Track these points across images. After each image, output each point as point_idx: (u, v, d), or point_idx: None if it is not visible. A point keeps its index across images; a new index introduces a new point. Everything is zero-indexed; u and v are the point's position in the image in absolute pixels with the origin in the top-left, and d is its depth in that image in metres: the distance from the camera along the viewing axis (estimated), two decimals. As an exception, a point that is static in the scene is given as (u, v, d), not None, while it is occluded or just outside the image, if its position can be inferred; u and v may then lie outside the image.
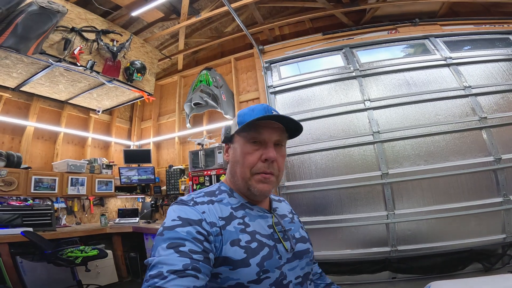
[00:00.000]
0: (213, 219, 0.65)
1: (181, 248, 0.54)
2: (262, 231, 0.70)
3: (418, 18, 3.73)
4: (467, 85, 3.10)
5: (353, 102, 3.34)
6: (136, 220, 4.01)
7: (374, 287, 2.87)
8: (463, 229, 2.79)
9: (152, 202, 4.38)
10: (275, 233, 0.73)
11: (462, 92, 3.09)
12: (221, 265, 0.61)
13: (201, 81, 4.09)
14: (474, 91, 3.08)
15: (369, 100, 3.26)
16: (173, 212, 0.64)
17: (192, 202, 0.67)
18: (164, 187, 4.31)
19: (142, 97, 4.01)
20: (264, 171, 0.71)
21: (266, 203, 0.81)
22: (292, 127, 0.76)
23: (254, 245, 0.65)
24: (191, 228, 0.59)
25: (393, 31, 3.75)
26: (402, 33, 3.68)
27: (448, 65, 3.29)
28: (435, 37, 3.54)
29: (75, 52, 3.05)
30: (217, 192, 0.75)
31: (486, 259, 2.77)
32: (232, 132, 0.77)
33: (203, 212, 0.65)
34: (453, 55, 3.36)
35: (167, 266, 0.50)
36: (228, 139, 0.79)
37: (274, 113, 0.73)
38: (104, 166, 4.17)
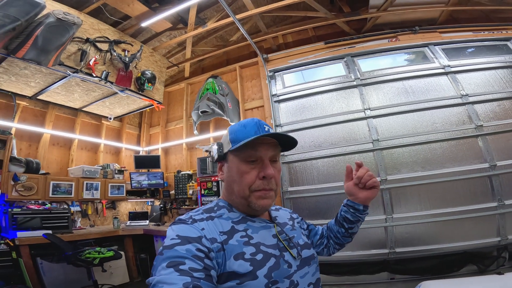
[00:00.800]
0: (214, 235, 0.64)
1: (181, 267, 0.53)
2: (266, 242, 0.70)
3: (418, 25, 3.84)
4: (464, 94, 3.22)
5: (354, 110, 3.48)
6: (146, 223, 4.22)
7: (373, 287, 3.02)
8: (459, 232, 2.92)
9: (161, 205, 4.58)
10: (280, 242, 0.72)
11: (459, 101, 3.21)
12: (227, 281, 0.60)
13: (207, 89, 4.26)
14: (471, 99, 3.19)
15: (369, 109, 3.40)
16: (172, 231, 0.63)
17: (191, 220, 0.67)
18: (172, 191, 4.51)
19: (152, 105, 4.20)
20: (264, 188, 0.72)
21: (266, 214, 0.82)
22: (285, 141, 0.77)
23: (259, 256, 0.65)
24: (190, 246, 0.58)
25: (394, 39, 3.86)
26: (402, 41, 3.79)
27: (446, 73, 3.40)
28: (434, 45, 3.65)
29: (91, 63, 3.20)
30: (215, 208, 0.75)
31: (481, 261, 2.90)
32: (225, 150, 0.76)
33: (202, 229, 0.64)
34: (452, 63, 3.47)
35: (168, 285, 0.49)
36: (222, 157, 0.78)
37: (267, 128, 0.74)
38: (116, 171, 4.37)
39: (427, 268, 3.00)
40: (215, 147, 0.79)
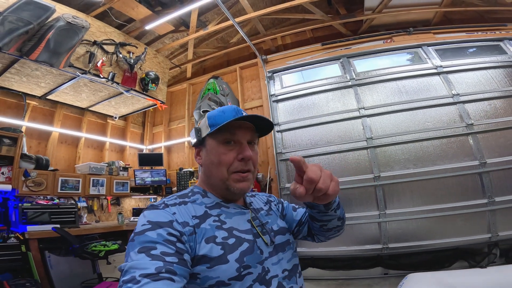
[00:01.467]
0: (185, 219, 0.63)
1: (153, 252, 0.53)
2: (240, 227, 0.70)
3: (413, 26, 3.93)
4: (456, 93, 3.30)
5: (349, 110, 3.59)
6: (150, 218, 4.36)
7: (367, 282, 3.08)
8: (450, 229, 3.00)
9: (164, 201, 4.72)
10: (253, 228, 0.72)
11: (450, 100, 3.29)
12: (197, 265, 0.59)
13: (208, 89, 4.40)
14: (462, 98, 3.27)
15: (363, 108, 3.50)
16: (143, 217, 0.62)
17: (163, 205, 0.66)
18: (175, 188, 4.66)
19: (155, 105, 4.36)
20: (241, 169, 0.72)
21: (241, 200, 0.81)
22: (262, 126, 0.78)
23: (231, 241, 0.65)
24: (161, 230, 0.57)
25: (389, 40, 3.96)
26: (397, 42, 3.89)
27: (438, 74, 3.49)
28: (428, 46, 3.73)
29: (98, 64, 3.36)
30: (190, 194, 0.74)
31: (472, 257, 2.97)
32: (204, 134, 0.77)
33: (174, 213, 0.63)
34: (444, 63, 3.55)
35: (139, 270, 0.49)
36: (200, 142, 0.78)
37: (244, 114, 0.75)
38: (121, 169, 4.54)
39: (419, 263, 3.09)
40: (193, 132, 0.80)
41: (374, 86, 3.63)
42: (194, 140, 0.80)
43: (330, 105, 3.73)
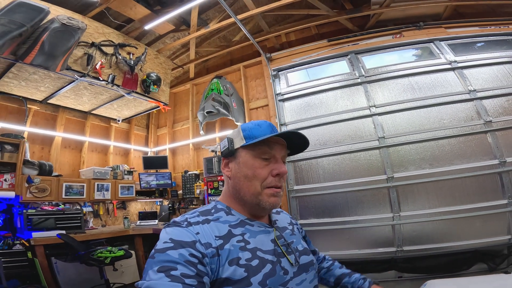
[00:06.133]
0: (209, 239, 0.62)
1: (173, 272, 0.52)
2: (263, 247, 0.68)
3: (422, 21, 3.78)
4: (472, 89, 3.15)
5: (359, 108, 3.46)
6: (156, 222, 4.31)
7: (381, 286, 3.01)
8: (468, 231, 2.88)
9: (169, 205, 4.67)
10: (278, 247, 0.70)
11: (467, 96, 3.14)
12: (221, 287, 0.59)
13: (212, 89, 4.30)
14: (479, 94, 3.13)
15: (374, 106, 3.37)
16: (166, 234, 0.61)
17: (186, 223, 0.64)
18: (180, 191, 4.58)
19: (159, 107, 4.27)
20: (276, 185, 0.71)
21: (266, 217, 0.79)
22: (296, 144, 0.78)
23: (255, 262, 0.63)
24: (183, 251, 0.56)
25: (398, 35, 3.81)
26: (406, 37, 3.74)
27: (453, 69, 3.34)
28: (440, 41, 3.59)
29: (97, 67, 3.27)
30: (213, 211, 0.72)
31: (491, 260, 2.85)
32: (236, 146, 0.74)
33: (197, 233, 0.61)
34: (458, 58, 3.40)
35: None
36: (231, 153, 0.76)
37: (291, 130, 0.75)
38: (126, 172, 4.48)
39: (435, 266, 2.97)
40: (224, 142, 0.78)
41: (385, 82, 3.49)
42: (224, 150, 0.77)
43: (338, 104, 3.60)
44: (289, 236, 0.78)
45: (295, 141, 0.77)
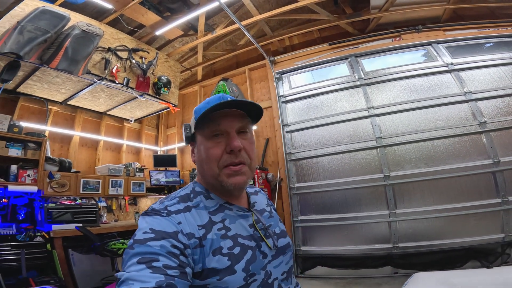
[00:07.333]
0: (191, 230, 0.60)
1: (154, 264, 0.50)
2: (243, 233, 0.68)
3: (422, 24, 3.87)
4: (468, 91, 3.24)
5: (358, 109, 3.59)
6: (165, 217, 4.53)
7: (377, 281, 3.10)
8: (463, 228, 2.97)
9: (178, 201, 4.89)
10: (257, 231, 0.71)
11: (462, 98, 3.24)
12: (207, 277, 0.58)
13: (219, 91, 4.51)
14: (474, 96, 3.21)
15: (372, 107, 3.50)
16: (145, 223, 0.58)
17: (166, 211, 0.62)
18: (187, 188, 4.80)
19: (168, 108, 4.51)
20: (232, 162, 0.67)
21: (244, 199, 0.78)
22: (251, 110, 0.71)
23: (237, 250, 0.63)
24: (165, 242, 0.54)
25: (397, 39, 3.91)
26: (406, 40, 3.84)
27: (449, 71, 3.43)
28: (438, 43, 3.67)
29: (114, 70, 3.52)
30: (192, 196, 0.70)
31: (484, 258, 2.92)
32: (193, 130, 0.73)
33: (179, 223, 0.60)
34: (455, 60, 3.49)
35: (138, 283, 0.46)
36: (191, 139, 0.74)
37: (229, 99, 0.67)
38: (137, 170, 4.74)
39: (430, 263, 3.06)
40: (183, 130, 0.76)
41: (383, 85, 3.61)
42: (184, 137, 0.76)
43: (338, 105, 3.75)
44: (267, 219, 0.78)
45: (242, 106, 0.70)
